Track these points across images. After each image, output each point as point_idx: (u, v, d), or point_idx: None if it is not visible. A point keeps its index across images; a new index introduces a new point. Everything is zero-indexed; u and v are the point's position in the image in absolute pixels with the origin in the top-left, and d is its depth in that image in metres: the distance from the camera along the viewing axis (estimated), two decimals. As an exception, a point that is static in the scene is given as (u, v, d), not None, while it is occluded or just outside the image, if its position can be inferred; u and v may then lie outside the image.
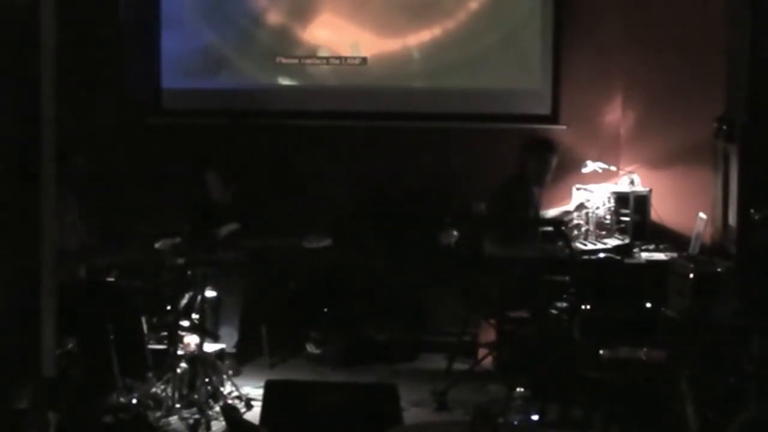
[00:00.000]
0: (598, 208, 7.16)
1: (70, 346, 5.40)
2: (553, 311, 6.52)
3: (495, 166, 7.44)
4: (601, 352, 5.57)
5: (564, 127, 7.60)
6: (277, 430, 3.98)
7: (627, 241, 7.02)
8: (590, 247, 6.97)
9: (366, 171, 7.67)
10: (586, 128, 7.60)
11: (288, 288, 7.32)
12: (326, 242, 6.93)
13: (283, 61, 7.73)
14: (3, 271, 4.71)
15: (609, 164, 7.39)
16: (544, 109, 7.69)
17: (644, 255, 6.97)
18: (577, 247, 6.86)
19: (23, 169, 4.77)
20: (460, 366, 6.63)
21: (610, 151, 7.58)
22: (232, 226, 6.78)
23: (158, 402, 5.60)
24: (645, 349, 5.54)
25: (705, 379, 5.00)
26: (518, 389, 4.12)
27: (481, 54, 7.69)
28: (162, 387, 5.67)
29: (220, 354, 6.31)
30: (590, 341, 6.04)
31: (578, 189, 7.29)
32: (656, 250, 7.04)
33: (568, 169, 7.34)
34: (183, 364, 5.75)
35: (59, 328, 4.97)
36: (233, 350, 6.69)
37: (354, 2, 7.73)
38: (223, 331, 6.66)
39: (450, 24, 7.69)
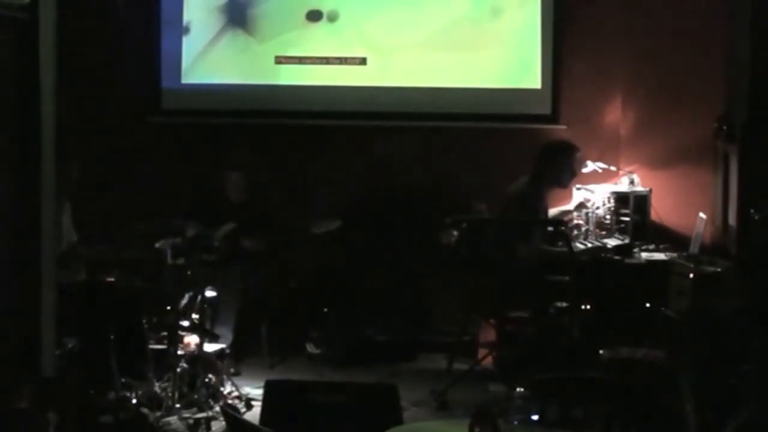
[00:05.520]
0: (598, 208, 7.17)
1: (70, 346, 5.40)
2: (553, 311, 6.52)
3: (495, 166, 7.45)
4: (601, 352, 5.57)
5: (564, 127, 7.60)
6: (277, 430, 3.97)
7: (627, 241, 7.02)
8: (590, 246, 6.97)
9: (365, 171, 7.67)
10: (586, 128, 7.60)
11: (288, 288, 7.32)
12: (336, 225, 6.96)
13: (283, 61, 7.73)
14: (3, 271, 4.71)
15: (609, 164, 7.40)
16: (544, 109, 7.69)
17: (644, 255, 6.97)
18: (577, 247, 6.86)
19: (23, 169, 4.77)
20: (460, 366, 6.63)
21: (610, 151, 7.58)
22: (229, 226, 6.79)
23: (158, 402, 5.60)
24: (645, 349, 5.53)
25: (705, 379, 4.99)
26: (518, 389, 4.11)
27: (481, 54, 7.70)
28: (162, 387, 5.67)
29: (220, 354, 6.32)
30: (590, 341, 6.04)
31: (578, 189, 7.29)
32: (656, 250, 7.04)
33: (568, 169, 7.34)
34: (183, 364, 5.75)
35: (59, 328, 4.98)
36: (227, 351, 6.69)
37: (354, 2, 7.74)
38: (219, 331, 6.66)
39: (450, 24, 7.69)
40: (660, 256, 6.93)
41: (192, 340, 5.92)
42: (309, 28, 7.72)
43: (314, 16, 7.71)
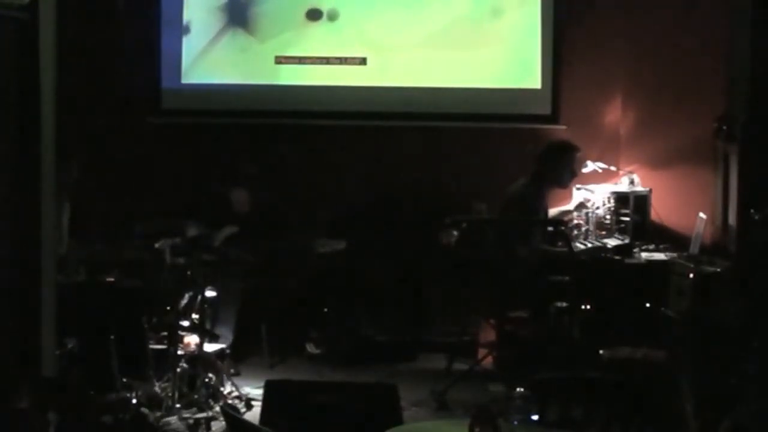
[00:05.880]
0: (598, 208, 7.16)
1: (70, 346, 5.40)
2: (553, 311, 6.52)
3: (495, 166, 7.45)
4: (601, 352, 5.57)
5: (564, 127, 7.60)
6: (277, 430, 3.98)
7: (627, 241, 7.02)
8: (590, 246, 6.97)
9: (365, 171, 7.67)
10: (586, 128, 7.60)
11: (288, 288, 7.31)
12: (341, 245, 6.99)
13: (283, 61, 7.73)
14: (3, 271, 4.71)
15: (609, 164, 7.40)
16: (544, 109, 7.69)
17: (644, 255, 6.97)
18: (577, 247, 6.86)
19: (23, 169, 4.77)
20: (460, 366, 6.63)
21: (610, 151, 7.58)
22: (231, 229, 6.80)
23: (158, 402, 5.60)
24: (645, 349, 5.53)
25: (705, 379, 5.00)
26: (518, 389, 4.11)
27: (481, 54, 7.70)
28: (162, 387, 5.67)
29: (220, 354, 6.32)
30: (590, 341, 6.04)
31: (578, 189, 7.29)
32: (656, 250, 7.04)
33: (568, 169, 7.34)
34: (183, 364, 5.75)
35: (59, 328, 4.98)
36: (227, 351, 6.69)
37: (355, 2, 7.75)
38: (219, 331, 6.66)
39: (450, 23, 7.69)
40: (660, 256, 6.92)
41: (192, 340, 5.92)
42: (309, 27, 7.72)
43: (314, 15, 7.71)
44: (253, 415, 5.60)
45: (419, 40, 7.70)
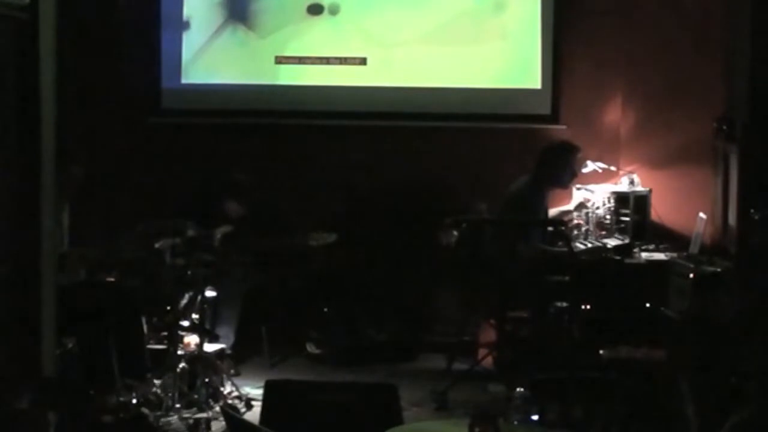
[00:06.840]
0: (598, 208, 7.17)
1: (70, 346, 5.40)
2: (553, 311, 6.52)
3: (495, 166, 7.45)
4: (601, 352, 5.56)
5: (564, 127, 7.60)
6: (277, 430, 3.98)
7: (627, 241, 7.02)
8: (590, 246, 6.97)
9: (366, 171, 7.67)
10: (586, 128, 7.60)
11: (288, 288, 7.31)
12: (332, 238, 6.97)
13: (284, 61, 7.73)
14: (3, 272, 4.71)
15: (609, 164, 7.40)
16: (544, 109, 7.69)
17: (644, 255, 6.97)
18: (577, 247, 6.86)
19: (23, 169, 4.77)
20: (460, 366, 6.63)
21: (610, 151, 7.58)
22: (226, 228, 6.80)
23: (158, 402, 5.60)
24: (645, 349, 5.53)
25: (705, 379, 4.99)
26: (518, 389, 4.12)
27: (481, 54, 7.70)
28: (162, 387, 5.67)
29: (220, 354, 6.32)
30: (590, 341, 6.04)
31: (578, 189, 7.29)
32: (656, 250, 7.04)
33: (568, 169, 7.33)
34: (183, 364, 5.75)
35: (59, 328, 4.98)
36: (228, 352, 6.69)
37: (354, 2, 7.75)
38: (220, 331, 6.67)
39: (450, 24, 7.68)
40: (660, 256, 6.92)
41: (192, 340, 5.92)
42: (309, 22, 7.71)
43: (315, 9, 7.71)
44: (253, 415, 5.60)
45: (420, 36, 7.68)
